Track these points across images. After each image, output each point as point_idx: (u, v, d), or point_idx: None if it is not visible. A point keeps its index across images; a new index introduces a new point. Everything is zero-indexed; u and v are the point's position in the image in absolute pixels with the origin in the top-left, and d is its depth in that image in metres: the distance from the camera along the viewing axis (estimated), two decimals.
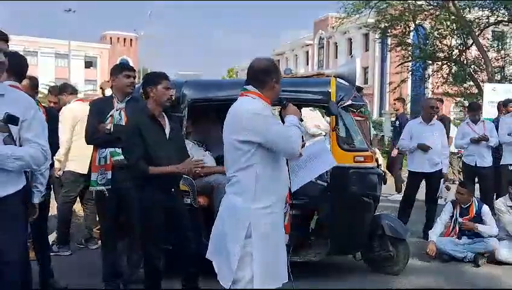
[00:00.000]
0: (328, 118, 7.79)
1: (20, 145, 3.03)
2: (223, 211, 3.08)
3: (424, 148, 6.75)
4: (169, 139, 4.02)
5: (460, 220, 6.02)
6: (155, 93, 3.96)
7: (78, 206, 6.66)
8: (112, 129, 4.27)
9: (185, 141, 4.49)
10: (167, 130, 4.03)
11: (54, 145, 4.47)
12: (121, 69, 4.50)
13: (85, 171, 4.75)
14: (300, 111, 3.30)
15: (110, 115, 4.34)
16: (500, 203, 6.13)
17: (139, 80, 5.82)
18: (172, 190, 4.04)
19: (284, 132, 2.99)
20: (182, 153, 4.10)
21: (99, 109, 4.44)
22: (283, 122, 3.16)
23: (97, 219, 5.43)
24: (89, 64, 64.00)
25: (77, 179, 5.83)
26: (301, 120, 3.21)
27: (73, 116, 5.81)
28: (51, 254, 5.45)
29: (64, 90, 6.34)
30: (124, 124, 4.29)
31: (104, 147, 4.32)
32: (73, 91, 6.38)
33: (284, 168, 3.16)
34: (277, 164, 3.05)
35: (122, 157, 4.19)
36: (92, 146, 4.47)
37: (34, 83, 4.70)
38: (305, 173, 3.89)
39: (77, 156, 5.71)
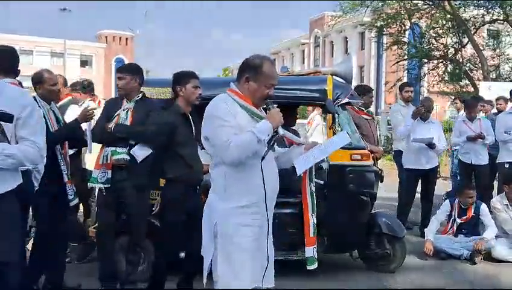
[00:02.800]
0: None
1: (17, 143, 2.98)
2: (204, 208, 3.04)
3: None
4: (194, 137, 4.09)
5: (458, 220, 6.01)
6: (184, 92, 4.07)
7: None
8: (113, 128, 4.23)
9: None
10: (194, 128, 4.10)
11: None
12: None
13: None
14: (296, 111, 3.18)
15: (117, 114, 4.31)
16: (496, 201, 6.14)
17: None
18: (198, 187, 4.07)
19: (223, 137, 2.74)
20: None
21: (109, 108, 4.44)
22: (288, 125, 2.93)
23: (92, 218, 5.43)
24: (84, 63, 63.72)
25: None
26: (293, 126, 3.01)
27: None
28: None
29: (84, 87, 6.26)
30: (128, 124, 4.27)
31: (108, 146, 4.30)
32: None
33: (259, 168, 2.82)
34: (247, 163, 2.81)
35: (121, 156, 4.20)
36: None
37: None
38: (316, 155, 3.16)
39: None
